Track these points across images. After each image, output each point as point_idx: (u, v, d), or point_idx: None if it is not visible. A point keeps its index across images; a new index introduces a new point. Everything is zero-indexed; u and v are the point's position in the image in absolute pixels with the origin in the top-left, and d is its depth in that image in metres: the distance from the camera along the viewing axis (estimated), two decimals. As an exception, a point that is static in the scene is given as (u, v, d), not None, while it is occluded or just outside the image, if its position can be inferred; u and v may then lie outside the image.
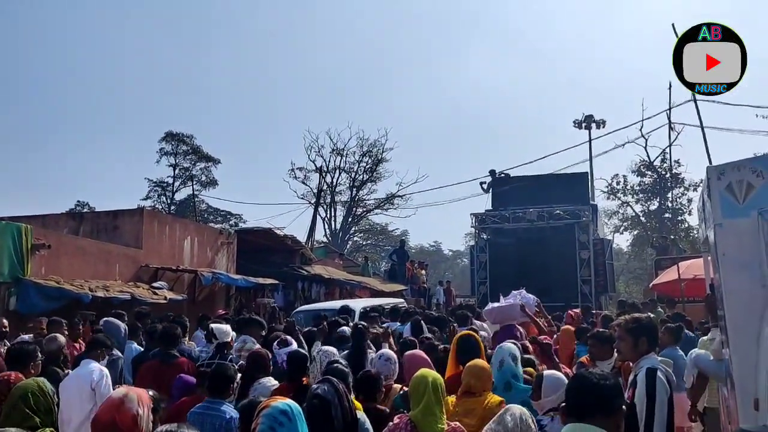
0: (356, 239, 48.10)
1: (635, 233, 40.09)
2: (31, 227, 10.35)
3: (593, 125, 32.28)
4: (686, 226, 34.68)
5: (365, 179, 41.54)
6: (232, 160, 78.21)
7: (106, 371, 4.88)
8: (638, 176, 37.71)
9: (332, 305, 11.61)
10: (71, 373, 5.04)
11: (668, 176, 35.45)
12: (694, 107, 5.87)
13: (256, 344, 6.12)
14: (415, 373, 3.68)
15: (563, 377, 3.85)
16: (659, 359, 3.70)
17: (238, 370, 4.88)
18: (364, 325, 6.61)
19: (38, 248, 10.36)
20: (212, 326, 6.45)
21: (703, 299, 6.55)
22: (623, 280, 43.07)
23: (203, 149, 40.00)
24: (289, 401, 2.67)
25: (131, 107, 72.99)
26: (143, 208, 22.67)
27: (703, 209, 4.63)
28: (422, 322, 8.09)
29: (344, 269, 22.25)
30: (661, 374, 3.32)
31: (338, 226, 41.73)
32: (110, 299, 10.30)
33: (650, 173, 37.03)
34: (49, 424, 3.95)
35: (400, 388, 4.51)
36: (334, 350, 5.37)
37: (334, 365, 4.24)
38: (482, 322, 8.15)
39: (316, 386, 3.29)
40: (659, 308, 11.29)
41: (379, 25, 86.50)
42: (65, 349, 6.22)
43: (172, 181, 40.44)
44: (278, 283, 16.53)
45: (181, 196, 41.42)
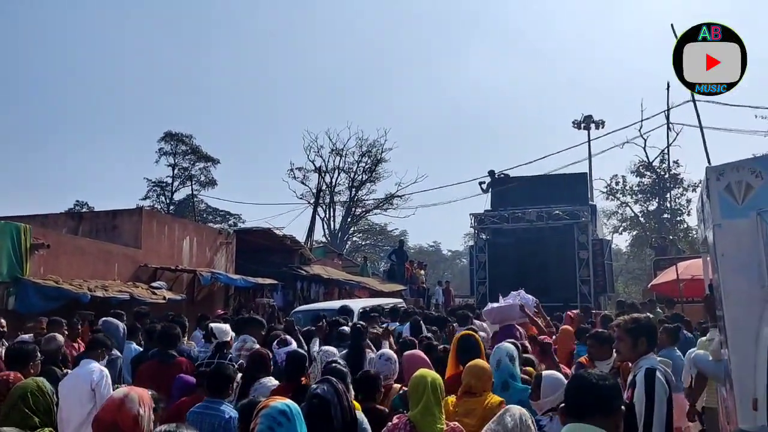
0: (355, 239, 48.11)
1: (634, 234, 40.08)
2: (30, 227, 10.33)
3: (592, 125, 32.34)
4: (685, 226, 34.71)
5: (364, 179, 41.58)
6: (231, 160, 78.37)
7: (106, 371, 4.87)
8: (637, 177, 37.80)
9: (331, 305, 11.61)
10: (71, 372, 5.03)
11: (667, 177, 35.48)
12: (693, 108, 5.88)
13: (256, 343, 6.11)
14: (414, 373, 3.68)
15: (562, 377, 3.85)
16: (658, 359, 3.70)
17: (237, 369, 4.89)
18: (363, 324, 6.61)
19: (37, 248, 10.35)
20: (211, 326, 6.46)
21: (701, 300, 6.56)
22: (622, 280, 43.09)
23: (202, 149, 40.07)
24: (288, 401, 2.66)
25: (131, 107, 72.99)
26: (142, 207, 22.68)
27: (702, 210, 4.63)
28: (421, 322, 8.10)
29: (343, 269, 22.24)
30: (660, 374, 3.33)
31: (337, 226, 41.75)
32: (109, 299, 10.28)
33: (649, 174, 37.07)
34: (48, 423, 3.95)
35: (399, 387, 4.51)
36: (334, 350, 5.38)
37: (332, 365, 4.24)
38: (482, 322, 8.16)
39: (315, 386, 3.28)
40: (658, 309, 11.31)
41: (379, 25, 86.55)
42: (64, 348, 6.22)
43: (171, 181, 40.48)
44: (277, 283, 16.51)
45: (180, 196, 41.50)
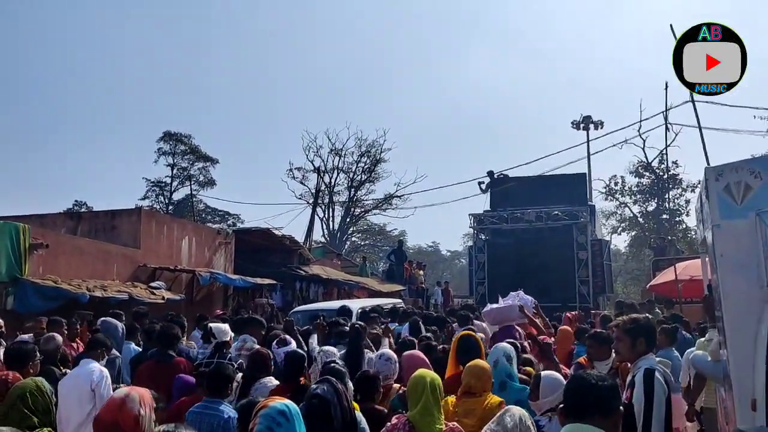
0: (354, 239, 48.13)
1: (633, 234, 40.09)
2: (28, 227, 10.31)
3: (591, 126, 32.36)
4: (684, 227, 34.72)
5: (363, 179, 41.58)
6: (230, 160, 78.46)
7: (106, 372, 4.87)
8: (636, 177, 37.80)
9: (330, 305, 11.61)
10: (70, 372, 5.01)
11: (666, 177, 35.50)
12: (692, 108, 5.87)
13: (255, 343, 6.12)
14: (413, 373, 3.68)
15: (561, 378, 3.85)
16: (657, 360, 3.70)
17: (237, 369, 4.89)
18: (361, 325, 6.61)
19: (36, 248, 10.34)
20: (211, 326, 6.46)
21: (700, 300, 6.57)
22: (621, 280, 43.09)
23: (201, 149, 40.08)
24: (287, 401, 2.66)
25: (130, 107, 72.97)
26: (141, 207, 22.68)
27: (701, 210, 4.63)
28: (420, 322, 8.10)
29: (342, 269, 22.22)
30: (659, 375, 3.33)
31: (336, 226, 41.75)
32: (108, 299, 10.27)
33: (648, 174, 37.08)
34: (47, 423, 3.95)
35: (398, 388, 4.51)
36: (334, 350, 5.37)
37: (330, 365, 4.25)
38: (481, 322, 8.16)
39: (315, 386, 3.28)
40: (657, 309, 11.31)
41: (379, 25, 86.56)
42: (64, 348, 6.22)
43: (170, 180, 40.49)
44: (276, 283, 16.49)
45: (179, 196, 41.48)
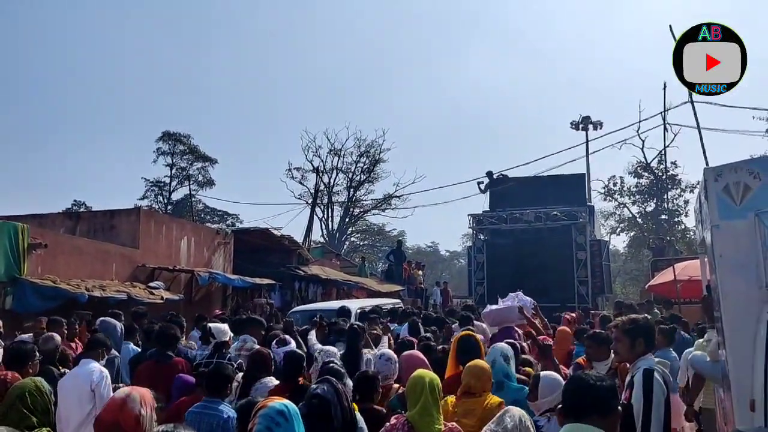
0: (353, 240, 48.11)
1: (632, 234, 40.10)
2: (27, 226, 10.30)
3: (590, 126, 32.37)
4: (683, 227, 34.75)
5: (363, 180, 41.55)
6: (230, 160, 78.37)
7: (106, 372, 4.86)
8: (635, 177, 37.82)
9: (329, 305, 11.62)
10: (70, 372, 5.00)
11: (665, 178, 35.52)
12: (691, 108, 5.88)
13: (256, 343, 6.13)
14: (412, 373, 3.68)
15: (560, 378, 3.86)
16: (656, 360, 3.71)
17: (237, 369, 4.89)
18: (359, 325, 6.61)
19: (35, 247, 10.32)
20: (210, 326, 6.46)
21: (699, 300, 6.57)
22: (620, 281, 43.13)
23: (200, 149, 40.09)
24: (286, 401, 2.67)
25: (130, 107, 72.99)
26: (140, 207, 22.68)
27: (700, 211, 4.63)
28: (419, 323, 8.10)
29: (341, 269, 22.21)
30: (658, 375, 3.33)
31: (335, 226, 41.71)
32: (107, 299, 10.26)
33: (647, 175, 37.10)
34: (46, 423, 3.95)
35: (398, 387, 4.51)
36: (334, 350, 5.36)
37: (329, 365, 4.25)
38: (481, 323, 8.16)
39: (315, 386, 3.28)
40: (656, 309, 11.33)
41: (379, 25, 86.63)
42: (64, 348, 6.21)
43: (169, 180, 40.51)
44: (275, 283, 16.49)
45: (178, 195, 41.49)
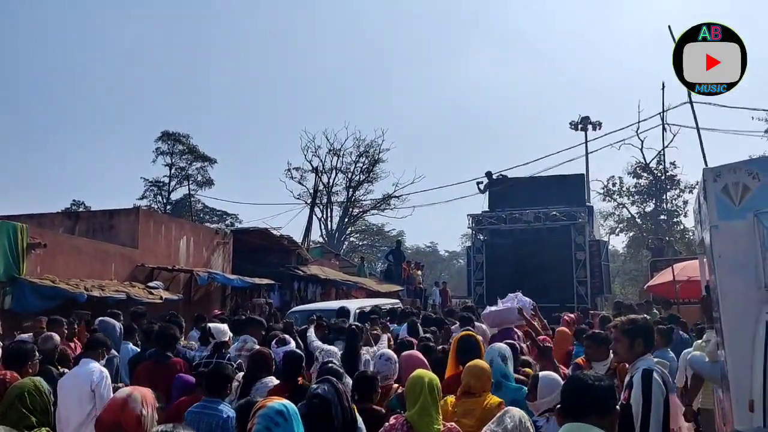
0: (352, 240, 48.09)
1: (631, 235, 40.12)
2: (26, 226, 10.30)
3: (589, 127, 32.39)
4: (682, 227, 34.78)
5: (362, 180, 41.53)
6: (229, 159, 78.36)
7: (106, 372, 4.85)
8: (634, 178, 37.84)
9: (328, 305, 11.63)
10: (70, 372, 4.98)
11: (664, 178, 35.55)
12: (690, 109, 5.89)
13: (256, 344, 6.14)
14: (411, 373, 3.68)
15: (559, 378, 3.86)
16: (655, 360, 3.71)
17: (236, 369, 4.89)
18: (357, 326, 6.62)
19: (34, 247, 10.31)
20: (209, 326, 6.46)
21: (698, 301, 6.57)
22: (619, 281, 43.18)
23: (199, 149, 40.06)
24: (285, 401, 2.67)
25: (129, 107, 72.95)
26: (139, 207, 22.66)
27: (699, 211, 4.64)
28: (419, 323, 8.10)
29: (340, 270, 22.20)
30: (657, 375, 3.33)
31: (334, 226, 41.70)
32: (106, 299, 10.25)
33: (646, 175, 37.12)
34: (45, 423, 3.95)
35: (397, 387, 4.51)
36: (335, 350, 5.36)
37: (328, 365, 4.25)
38: (481, 324, 8.17)
39: (316, 386, 3.29)
40: (655, 310, 11.34)
41: (379, 25, 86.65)
42: (64, 347, 6.21)
43: (168, 180, 40.48)
44: (274, 283, 16.49)
45: (177, 195, 41.49)
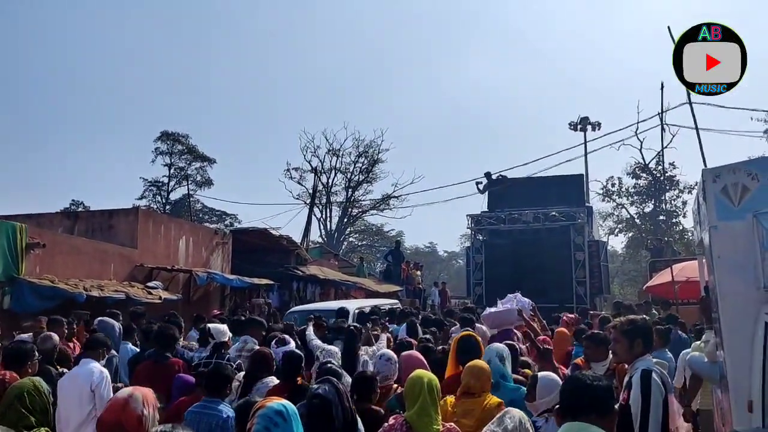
0: (352, 240, 48.11)
1: (630, 235, 40.13)
2: (25, 226, 10.30)
3: (589, 127, 32.40)
4: (681, 228, 34.78)
5: (361, 180, 41.55)
6: (228, 159, 78.46)
7: (106, 372, 4.85)
8: (633, 178, 37.82)
9: (327, 306, 11.63)
10: (70, 372, 4.97)
11: (663, 179, 35.56)
12: (689, 109, 5.90)
13: (256, 344, 6.15)
14: (410, 373, 3.68)
15: (558, 379, 3.86)
16: (654, 361, 3.71)
17: (239, 369, 4.88)
18: (356, 326, 6.63)
19: (33, 247, 10.31)
20: (209, 326, 6.45)
21: (696, 301, 6.58)
22: (618, 281, 43.20)
23: (198, 149, 40.07)
24: (284, 401, 2.67)
25: (129, 107, 72.97)
26: (138, 207, 22.62)
27: (698, 212, 4.64)
28: (417, 323, 8.11)
29: (339, 270, 22.20)
30: (656, 376, 3.33)
31: (334, 226, 41.72)
32: (105, 299, 10.25)
33: (645, 175, 37.12)
34: (44, 423, 3.95)
35: (396, 387, 4.51)
36: (336, 349, 5.36)
37: (327, 365, 4.25)
38: (480, 325, 8.17)
39: (316, 386, 3.29)
40: (653, 310, 11.34)
41: (379, 25, 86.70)
42: (64, 347, 6.21)
43: (167, 180, 40.48)
44: (273, 283, 16.49)
45: (176, 195, 41.50)
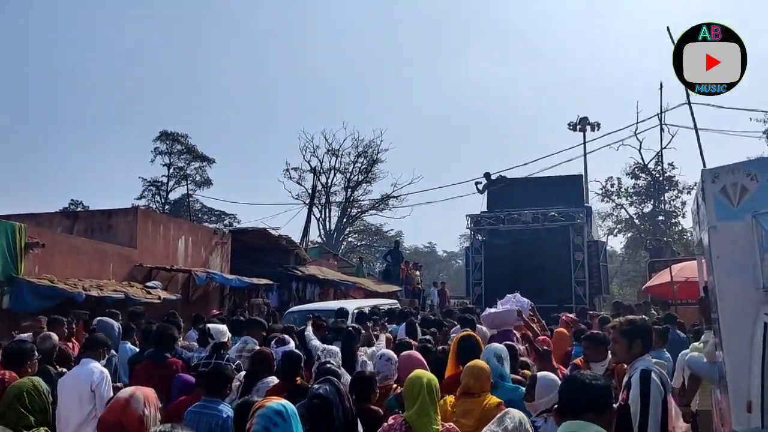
0: (351, 240, 48.10)
1: (629, 235, 40.16)
2: (24, 226, 10.30)
3: (588, 127, 32.40)
4: (680, 228, 34.81)
5: (360, 180, 41.56)
6: (228, 159, 78.45)
7: (106, 372, 4.85)
8: (632, 179, 37.84)
9: (326, 306, 11.64)
10: (70, 372, 4.97)
11: (662, 179, 35.58)
12: (688, 110, 5.90)
13: (257, 345, 6.15)
14: (409, 373, 3.68)
15: (557, 379, 3.86)
16: (653, 361, 3.71)
17: (238, 370, 4.88)
18: (354, 327, 6.64)
19: (32, 247, 10.30)
20: (209, 326, 6.44)
21: (695, 302, 6.58)
22: (617, 282, 43.20)
23: (198, 149, 40.07)
24: (283, 401, 2.67)
25: (129, 107, 72.94)
26: (137, 207, 22.63)
27: (697, 212, 4.65)
28: (417, 324, 8.11)
29: (339, 270, 22.20)
30: (655, 376, 3.33)
31: (333, 226, 41.74)
32: (104, 298, 10.25)
33: (644, 176, 37.15)
34: (44, 423, 3.95)
35: (396, 387, 4.51)
36: (336, 349, 5.36)
37: (326, 365, 4.25)
38: (480, 325, 8.17)
39: (317, 386, 3.29)
40: (653, 310, 11.34)
41: (379, 25, 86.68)
42: (64, 346, 6.20)
43: (166, 180, 40.45)
44: (272, 283, 16.49)
45: (175, 195, 41.49)
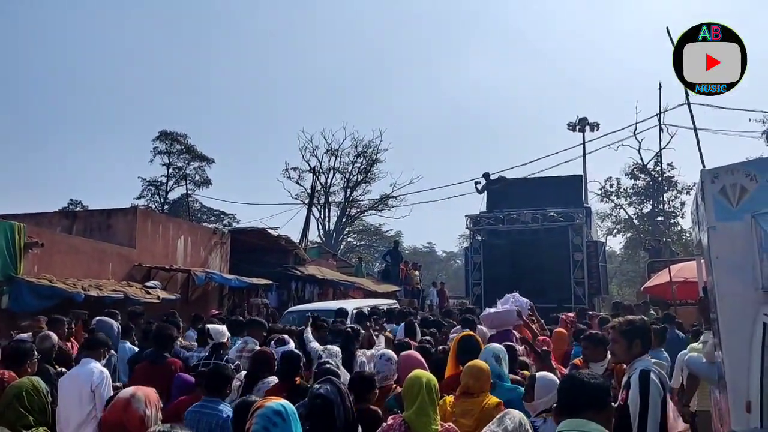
0: (350, 240, 48.10)
1: (628, 236, 40.22)
2: (24, 225, 10.28)
3: (587, 128, 32.41)
4: (679, 229, 34.87)
5: (359, 180, 41.55)
6: (227, 159, 78.43)
7: (106, 372, 4.84)
8: (631, 179, 37.90)
9: (325, 306, 11.64)
10: (70, 372, 4.95)
11: (661, 179, 35.61)
12: (687, 110, 5.90)
13: (257, 345, 6.15)
14: (409, 373, 3.68)
15: (556, 379, 3.86)
16: (653, 361, 3.72)
17: (238, 370, 4.88)
18: (353, 328, 6.64)
19: (31, 246, 10.29)
20: (208, 326, 6.44)
21: (694, 302, 6.59)
22: (616, 282, 43.21)
23: (197, 149, 40.06)
24: (283, 401, 2.67)
25: (128, 107, 72.91)
26: (137, 207, 22.62)
27: (696, 212, 4.65)
28: (416, 324, 8.11)
29: (338, 270, 22.19)
30: (654, 376, 3.34)
31: (332, 226, 41.72)
32: (103, 298, 10.24)
33: (643, 176, 37.18)
34: (43, 423, 3.95)
35: (395, 387, 4.51)
36: (337, 350, 5.36)
37: (326, 365, 4.25)
38: (481, 326, 8.17)
39: (318, 386, 3.29)
40: (652, 310, 11.35)
41: (378, 25, 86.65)
42: (64, 346, 6.20)
43: (165, 180, 40.43)
44: (272, 283, 16.49)
45: (174, 195, 41.49)
